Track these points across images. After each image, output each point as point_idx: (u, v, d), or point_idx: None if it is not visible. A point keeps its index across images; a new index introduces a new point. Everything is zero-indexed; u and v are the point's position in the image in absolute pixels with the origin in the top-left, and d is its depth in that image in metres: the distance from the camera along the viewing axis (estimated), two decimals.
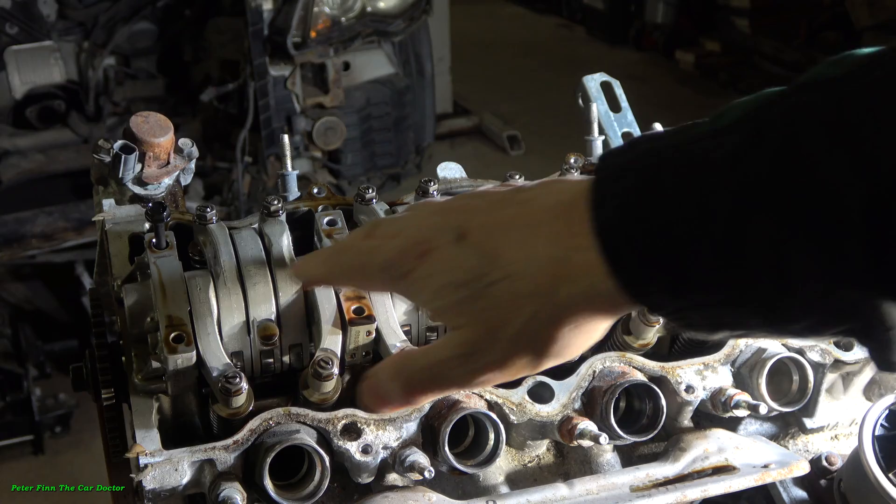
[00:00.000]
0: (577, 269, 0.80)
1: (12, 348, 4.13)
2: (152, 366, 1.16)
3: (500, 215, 0.88)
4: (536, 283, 0.82)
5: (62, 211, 3.86)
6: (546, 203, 0.85)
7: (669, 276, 0.76)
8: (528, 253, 0.83)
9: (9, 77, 3.85)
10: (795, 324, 0.75)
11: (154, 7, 4.19)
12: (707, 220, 0.73)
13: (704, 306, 0.77)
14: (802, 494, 1.31)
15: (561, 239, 0.81)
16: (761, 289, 0.73)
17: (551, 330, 0.84)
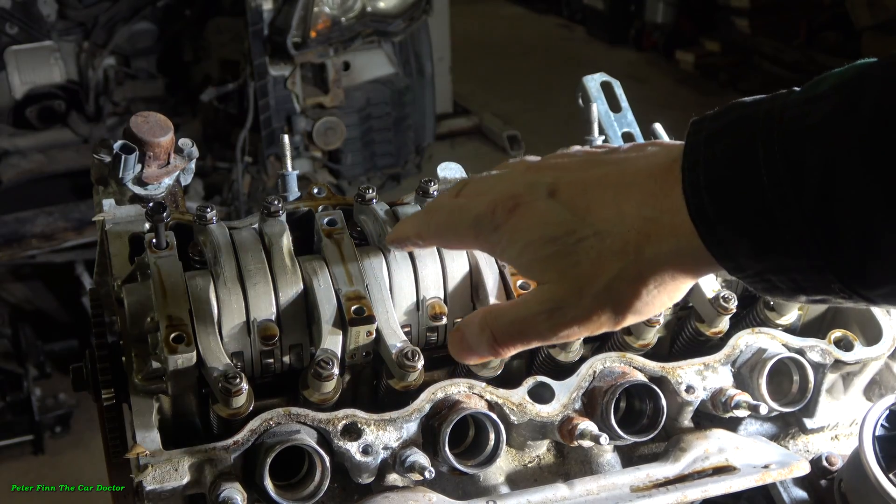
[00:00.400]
0: (666, 229, 0.82)
1: (12, 348, 4.13)
2: (152, 366, 1.16)
3: (593, 174, 0.90)
4: (624, 242, 0.85)
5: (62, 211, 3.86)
6: (638, 164, 0.87)
7: (756, 239, 0.78)
8: (617, 212, 0.86)
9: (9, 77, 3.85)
10: (875, 289, 0.77)
11: (154, 7, 4.19)
12: (798, 186, 0.74)
13: (788, 270, 0.79)
14: (802, 494, 1.31)
15: (651, 199, 0.84)
16: (847, 254, 0.75)
17: (636, 287, 0.86)
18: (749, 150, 0.78)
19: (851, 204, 0.73)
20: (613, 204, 0.86)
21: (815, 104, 0.76)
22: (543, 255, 0.90)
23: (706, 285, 1.30)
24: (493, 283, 1.24)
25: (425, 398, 1.16)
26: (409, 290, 1.24)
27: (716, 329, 1.29)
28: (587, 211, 0.87)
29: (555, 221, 0.89)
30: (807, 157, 0.74)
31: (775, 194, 0.76)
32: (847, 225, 0.74)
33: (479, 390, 1.18)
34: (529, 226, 0.91)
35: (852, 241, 0.74)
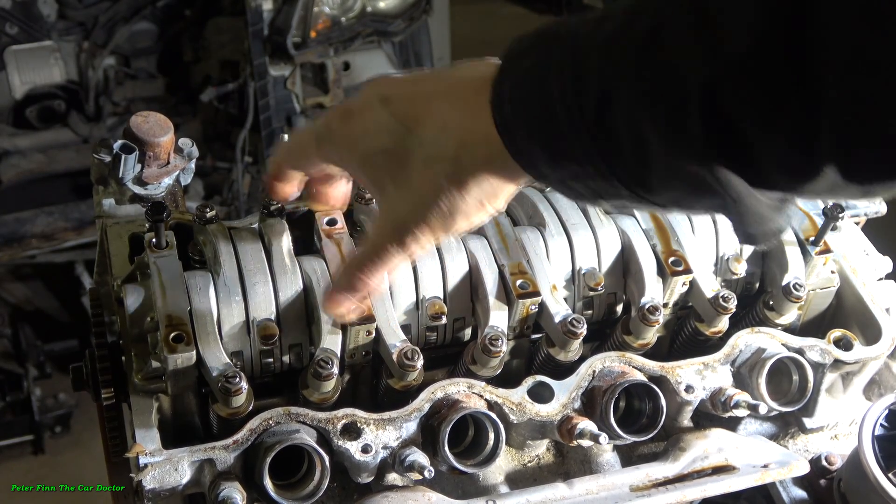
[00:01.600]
0: (482, 137, 0.89)
1: (12, 348, 4.12)
2: (152, 366, 1.16)
3: (423, 87, 0.97)
4: (448, 149, 0.91)
5: (62, 211, 3.86)
6: (463, 77, 0.94)
7: (550, 149, 0.85)
8: (442, 123, 0.92)
9: (9, 77, 3.85)
10: (659, 196, 0.83)
11: (154, 7, 4.18)
12: (582, 98, 0.80)
13: (582, 178, 0.86)
14: (802, 494, 1.31)
15: (470, 112, 0.90)
16: (625, 162, 0.81)
17: (460, 193, 0.93)
18: (545, 65, 0.83)
19: (626, 117, 0.78)
20: (438, 115, 0.93)
21: (605, 23, 0.81)
22: (380, 166, 0.97)
23: (706, 285, 1.30)
24: (493, 283, 1.24)
25: (425, 398, 1.16)
26: (408, 289, 1.24)
27: (715, 328, 1.30)
28: (415, 122, 0.94)
29: (385, 132, 0.95)
30: (589, 72, 0.80)
31: (563, 106, 0.81)
32: (623, 136, 0.79)
33: (478, 390, 1.18)
34: (362, 135, 0.97)
35: (629, 151, 0.80)
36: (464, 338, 1.30)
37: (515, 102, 0.85)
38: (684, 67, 0.74)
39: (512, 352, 1.27)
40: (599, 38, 0.80)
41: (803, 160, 0.73)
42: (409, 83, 0.99)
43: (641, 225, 1.33)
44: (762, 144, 0.74)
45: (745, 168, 0.77)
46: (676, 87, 0.75)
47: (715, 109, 0.73)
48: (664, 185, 0.82)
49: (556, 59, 0.82)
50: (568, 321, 1.22)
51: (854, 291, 1.38)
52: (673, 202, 0.85)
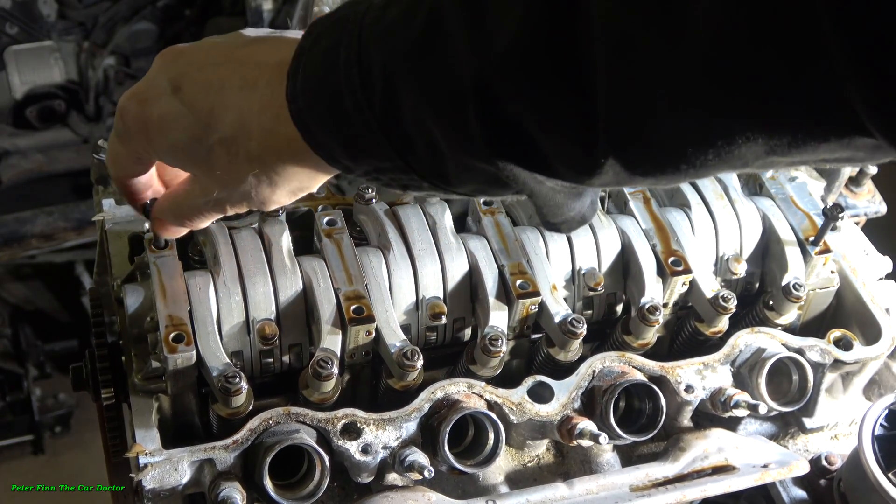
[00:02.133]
0: (282, 138, 0.84)
1: (12, 348, 4.12)
2: (152, 366, 1.16)
3: (218, 73, 0.89)
4: (250, 150, 0.87)
5: (62, 211, 3.86)
6: (260, 62, 0.87)
7: (346, 143, 0.81)
8: (238, 117, 0.86)
9: (9, 77, 3.85)
10: (461, 187, 0.81)
11: (154, 7, 4.18)
12: (368, 93, 0.76)
13: (384, 171, 0.83)
14: (802, 494, 1.31)
15: (267, 107, 0.85)
16: (419, 158, 0.78)
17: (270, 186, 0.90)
18: (335, 54, 0.79)
19: (411, 113, 0.75)
20: (235, 108, 0.87)
21: (388, 9, 0.77)
22: (184, 161, 0.93)
23: (706, 285, 1.30)
24: (493, 283, 1.24)
25: (425, 398, 1.16)
26: (408, 289, 1.24)
27: (715, 328, 1.30)
28: (210, 114, 0.88)
29: (182, 126, 0.90)
30: (373, 63, 0.76)
31: (351, 100, 0.77)
32: (413, 132, 0.76)
33: (478, 390, 1.18)
34: (160, 130, 0.92)
35: (421, 147, 0.77)
36: (464, 338, 1.30)
37: (308, 95, 0.81)
38: (458, 63, 0.71)
39: (512, 352, 1.27)
40: (381, 27, 0.76)
41: (585, 156, 0.70)
42: (204, 65, 0.91)
43: (641, 225, 1.33)
44: (542, 141, 0.71)
45: (531, 163, 0.74)
46: (452, 84, 0.72)
47: (490, 107, 0.71)
48: (462, 179, 0.79)
49: (343, 48, 0.78)
50: (568, 321, 1.22)
51: (854, 291, 1.38)
52: (476, 192, 0.83)
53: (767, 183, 1.43)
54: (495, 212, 1.32)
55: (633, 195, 1.37)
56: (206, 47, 0.94)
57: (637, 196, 1.37)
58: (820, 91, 0.59)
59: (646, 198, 1.37)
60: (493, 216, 1.31)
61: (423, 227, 1.27)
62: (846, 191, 1.68)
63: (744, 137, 0.64)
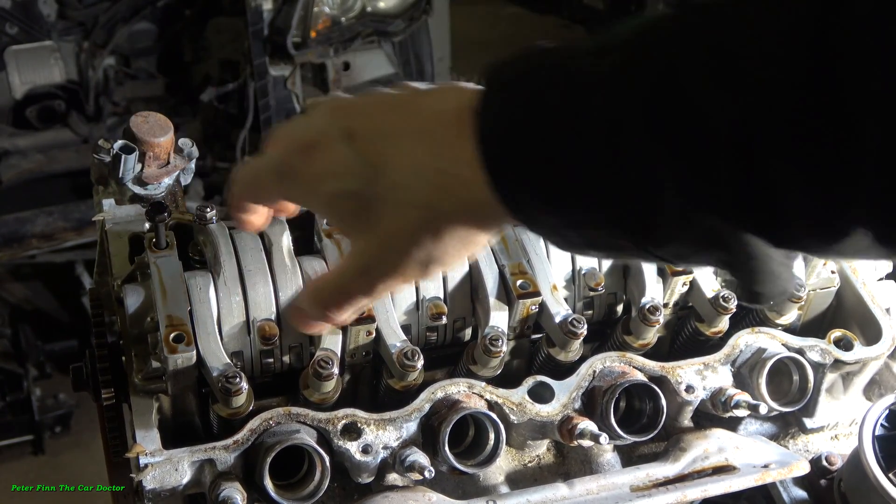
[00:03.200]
0: (460, 181, 0.80)
1: (12, 348, 4.12)
2: (152, 366, 1.16)
3: (390, 120, 0.87)
4: (421, 195, 0.83)
5: (62, 211, 3.86)
6: (435, 109, 0.85)
7: (545, 192, 0.77)
8: (413, 162, 0.83)
9: (9, 77, 3.85)
10: (663, 248, 0.76)
11: (154, 7, 4.18)
12: (583, 139, 0.73)
13: (578, 225, 0.78)
14: (802, 494, 1.31)
15: (446, 150, 0.81)
16: (631, 210, 0.74)
17: (436, 241, 0.85)
18: (539, 99, 0.76)
19: (635, 160, 0.71)
20: (409, 154, 0.84)
21: (603, 57, 0.74)
22: (346, 211, 0.89)
23: (706, 285, 1.30)
24: (493, 283, 1.24)
25: (425, 398, 1.16)
26: (408, 289, 1.24)
27: (715, 329, 1.30)
28: (384, 161, 0.85)
29: (352, 173, 0.86)
30: (593, 111, 0.73)
31: (563, 146, 0.74)
32: (632, 182, 0.73)
33: (478, 390, 1.18)
34: (327, 176, 0.88)
35: (638, 199, 0.73)
36: (464, 338, 1.30)
37: (505, 141, 0.77)
38: (711, 114, 0.67)
39: (512, 352, 1.27)
40: (602, 74, 0.73)
41: (837, 223, 0.67)
42: (375, 114, 0.89)
43: None
44: (793, 200, 0.67)
45: (771, 226, 0.70)
46: (701, 134, 0.68)
47: (745, 159, 0.67)
48: (671, 238, 0.75)
49: (550, 93, 0.75)
50: (568, 321, 1.22)
51: (854, 291, 1.38)
52: (676, 255, 0.78)
53: None
54: None
55: None
56: (374, 97, 0.92)
57: None
58: None
59: None
60: None
61: None
62: None
63: None
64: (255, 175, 0.99)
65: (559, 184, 0.76)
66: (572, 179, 0.75)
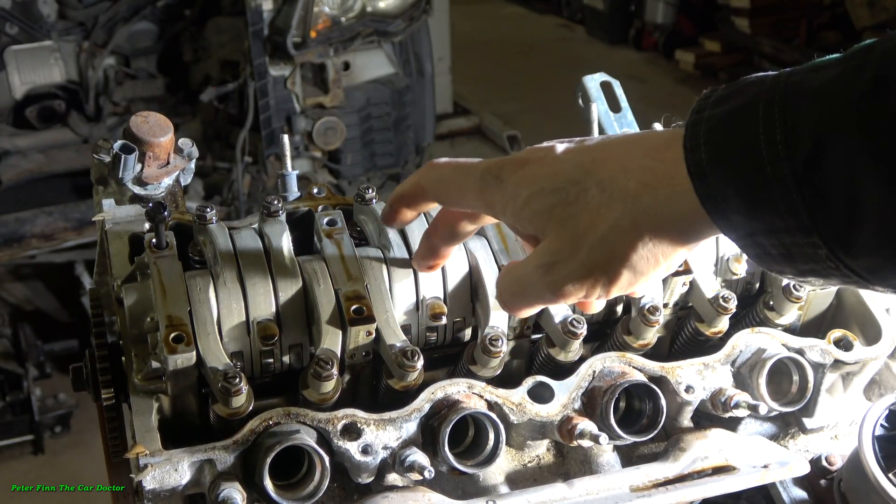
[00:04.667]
0: (664, 178, 0.84)
1: (12, 348, 4.13)
2: (152, 366, 1.16)
3: (602, 142, 0.93)
4: (624, 189, 0.86)
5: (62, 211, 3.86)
6: (649, 135, 0.90)
7: (747, 194, 0.79)
8: (621, 164, 0.88)
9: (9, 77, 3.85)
10: (858, 260, 0.77)
11: (154, 7, 4.19)
12: (791, 143, 0.75)
13: (777, 232, 0.79)
14: (802, 494, 1.31)
15: (654, 153, 0.86)
16: (832, 218, 0.75)
17: (631, 238, 0.86)
18: (750, 110, 0.79)
19: (841, 166, 0.73)
20: (618, 158, 0.89)
21: (819, 72, 0.77)
22: (545, 206, 0.91)
23: (706, 285, 1.30)
24: (493, 283, 1.24)
25: (425, 398, 1.16)
26: (408, 290, 1.24)
27: (715, 329, 1.30)
28: (592, 164, 0.90)
29: (559, 173, 0.91)
30: (802, 116, 0.76)
31: (769, 150, 0.77)
32: (835, 187, 0.74)
33: (478, 390, 1.18)
34: (535, 177, 0.93)
35: (839, 205, 0.75)
36: (464, 338, 1.30)
37: (713, 144, 0.81)
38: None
39: (512, 352, 1.27)
40: (814, 86, 0.76)
41: None
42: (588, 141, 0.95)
43: None
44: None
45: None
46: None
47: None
48: (869, 249, 0.75)
49: (762, 103, 0.78)
50: (568, 321, 1.22)
51: (854, 292, 1.38)
52: (869, 270, 0.78)
53: None
54: None
55: None
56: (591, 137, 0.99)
57: None
58: None
59: None
60: None
61: (423, 227, 1.27)
62: None
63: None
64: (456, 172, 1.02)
65: (761, 188, 0.78)
66: (774, 184, 0.77)
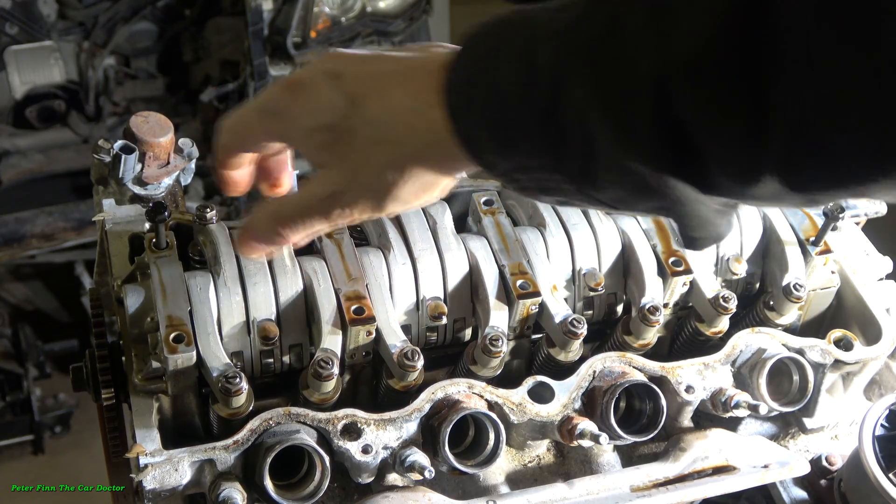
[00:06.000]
0: (427, 122, 0.86)
1: (12, 348, 4.12)
2: (152, 366, 1.16)
3: (375, 66, 0.93)
4: (391, 132, 0.89)
5: (62, 211, 3.86)
6: (417, 60, 0.91)
7: (498, 136, 0.82)
8: (388, 102, 0.89)
9: (9, 77, 3.85)
10: (603, 193, 0.81)
11: (154, 7, 4.18)
12: (530, 87, 0.78)
13: (528, 169, 0.83)
14: (802, 494, 1.31)
15: (420, 93, 0.87)
16: (572, 157, 0.79)
17: (398, 177, 0.90)
18: (498, 50, 0.81)
19: (576, 110, 0.76)
20: (386, 94, 0.89)
21: (564, 12, 0.79)
22: (323, 142, 0.93)
23: (706, 285, 1.30)
24: (493, 283, 1.24)
25: (425, 398, 1.16)
26: (408, 289, 1.24)
27: (715, 329, 1.30)
28: (363, 100, 0.90)
29: (331, 107, 0.91)
30: (540, 59, 0.77)
31: (513, 94, 0.79)
32: (572, 130, 0.77)
33: (478, 390, 1.18)
34: (309, 111, 0.94)
35: (578, 146, 0.77)
36: (464, 338, 1.30)
37: (466, 87, 0.83)
38: (639, 59, 0.72)
39: (512, 352, 1.27)
40: (556, 27, 0.78)
41: (749, 167, 0.71)
42: (362, 61, 0.95)
43: (642, 225, 1.33)
44: (710, 147, 0.72)
45: (691, 170, 0.75)
46: (629, 84, 0.73)
47: (665, 104, 0.71)
48: (610, 184, 0.80)
49: (509, 45, 0.80)
50: (568, 321, 1.22)
51: (854, 292, 1.38)
52: (617, 201, 0.83)
53: None
54: (496, 212, 1.32)
55: None
56: (365, 51, 0.98)
57: None
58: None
59: None
60: (494, 216, 1.31)
61: (423, 227, 1.27)
62: None
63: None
64: (240, 117, 1.03)
65: (509, 130, 0.81)
66: (519, 125, 0.80)
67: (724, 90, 0.69)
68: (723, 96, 0.69)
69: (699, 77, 0.70)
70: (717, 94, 0.69)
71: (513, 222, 1.32)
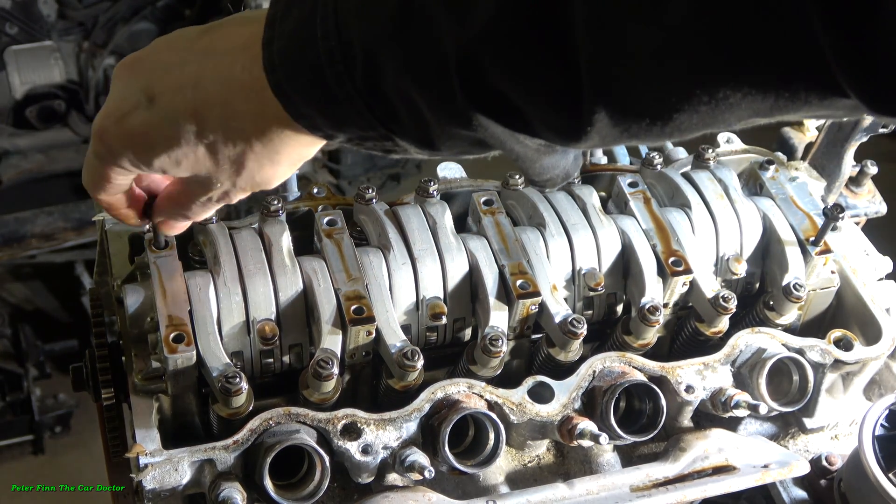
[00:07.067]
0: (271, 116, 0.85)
1: (12, 348, 4.12)
2: (152, 366, 1.16)
3: (186, 72, 0.89)
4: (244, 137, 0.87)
5: (62, 211, 3.86)
6: (227, 47, 0.88)
7: (328, 114, 0.82)
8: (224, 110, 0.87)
9: (9, 77, 3.85)
10: (445, 150, 0.83)
11: (154, 7, 4.18)
12: (350, 65, 0.78)
13: (367, 139, 0.85)
14: (802, 494, 1.31)
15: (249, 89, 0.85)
16: (404, 126, 0.80)
17: (272, 165, 0.91)
18: (311, 27, 0.79)
19: (394, 84, 0.77)
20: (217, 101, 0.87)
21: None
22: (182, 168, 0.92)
23: (706, 285, 1.30)
24: (493, 283, 1.24)
25: (425, 398, 1.16)
26: (408, 289, 1.24)
27: (715, 329, 1.30)
28: (195, 115, 0.88)
29: (169, 136, 0.89)
30: (352, 38, 0.77)
31: (332, 72, 0.79)
32: (397, 102, 0.78)
33: (478, 390, 1.18)
34: (147, 145, 0.91)
35: (406, 116, 0.79)
36: (464, 338, 1.30)
37: (286, 67, 0.81)
38: (440, 35, 0.72)
39: (512, 352, 1.27)
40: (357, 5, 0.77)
41: (571, 121, 0.72)
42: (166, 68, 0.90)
43: (642, 225, 1.33)
44: (528, 109, 0.73)
45: (521, 128, 0.76)
46: (435, 55, 0.73)
47: (474, 77, 0.72)
48: (446, 144, 0.81)
49: (319, 19, 0.79)
50: (568, 321, 1.22)
51: (854, 291, 1.38)
52: (461, 153, 0.85)
53: (768, 183, 1.43)
54: (495, 212, 1.32)
55: (633, 195, 1.37)
56: (161, 49, 0.94)
57: (637, 196, 1.37)
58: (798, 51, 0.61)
59: (646, 198, 1.37)
60: (494, 216, 1.31)
61: (423, 227, 1.27)
62: (846, 191, 1.68)
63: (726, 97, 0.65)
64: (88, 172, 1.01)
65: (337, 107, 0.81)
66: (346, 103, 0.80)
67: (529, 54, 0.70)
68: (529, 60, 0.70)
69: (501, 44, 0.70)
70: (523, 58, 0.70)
71: (513, 222, 1.32)
